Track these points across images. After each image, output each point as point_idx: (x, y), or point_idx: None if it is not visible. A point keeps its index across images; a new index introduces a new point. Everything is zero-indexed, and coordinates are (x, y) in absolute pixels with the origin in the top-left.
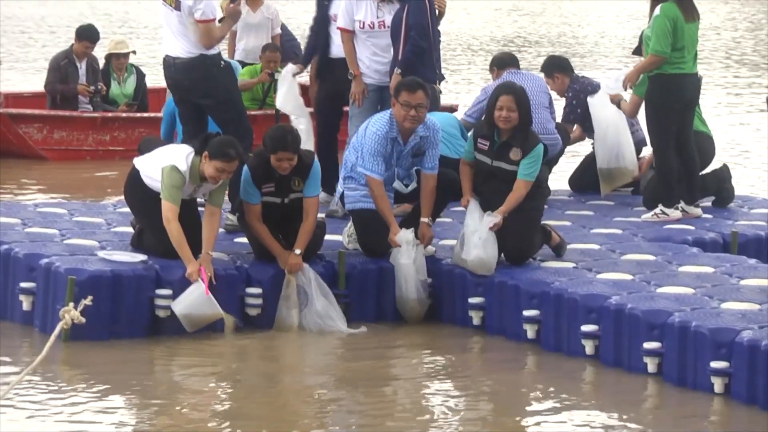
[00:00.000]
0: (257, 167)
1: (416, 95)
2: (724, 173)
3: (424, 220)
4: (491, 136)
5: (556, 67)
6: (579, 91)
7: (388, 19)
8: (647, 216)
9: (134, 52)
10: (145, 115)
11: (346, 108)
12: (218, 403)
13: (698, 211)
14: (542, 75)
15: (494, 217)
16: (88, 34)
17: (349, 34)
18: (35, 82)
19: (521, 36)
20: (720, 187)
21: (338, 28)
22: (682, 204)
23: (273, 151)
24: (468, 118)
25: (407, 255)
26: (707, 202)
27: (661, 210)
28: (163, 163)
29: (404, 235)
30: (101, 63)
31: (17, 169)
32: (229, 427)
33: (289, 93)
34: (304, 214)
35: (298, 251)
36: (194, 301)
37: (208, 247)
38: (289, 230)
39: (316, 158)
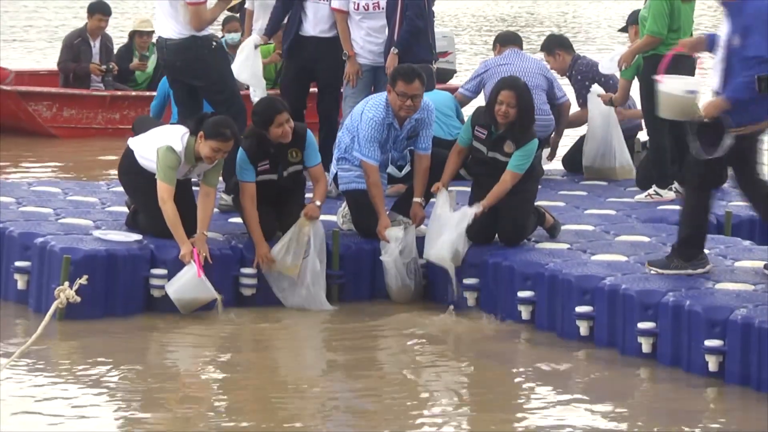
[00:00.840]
0: (251, 146)
1: (413, 85)
2: None
3: (417, 199)
4: (489, 125)
5: (557, 44)
6: (586, 73)
7: (383, 1)
8: (641, 197)
9: None
10: (154, 93)
11: (314, 89)
12: (212, 383)
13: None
14: (543, 53)
15: (477, 208)
16: (99, 7)
17: (343, 15)
18: (37, 61)
19: (521, 15)
20: None
21: (332, 8)
22: (675, 184)
23: (270, 120)
24: (465, 92)
25: (390, 253)
26: None
27: (654, 190)
28: (159, 144)
29: (393, 233)
30: (118, 42)
31: (26, 146)
32: (223, 407)
33: (246, 62)
34: (313, 182)
35: (318, 202)
36: (186, 283)
37: (203, 227)
38: (285, 209)
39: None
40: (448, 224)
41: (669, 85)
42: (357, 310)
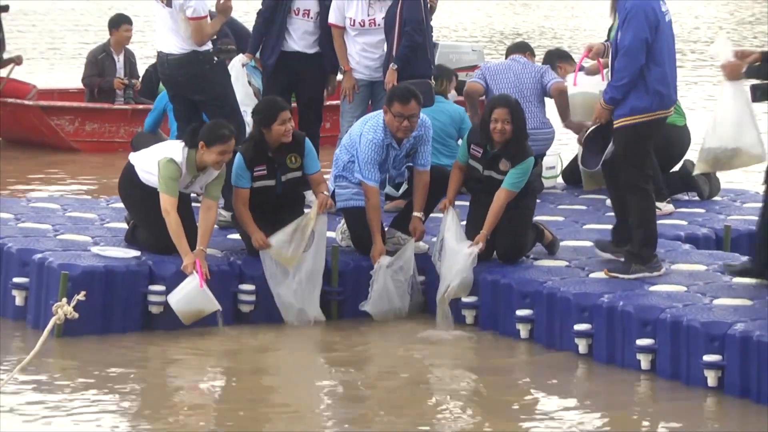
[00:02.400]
0: (248, 150)
1: (409, 106)
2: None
3: (417, 214)
4: (484, 144)
5: (557, 57)
6: None
7: (379, 17)
8: None
9: None
10: None
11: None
12: (209, 399)
13: (670, 207)
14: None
15: (476, 247)
16: (122, 19)
17: (339, 30)
18: (47, 75)
19: (522, 31)
20: (689, 183)
21: (329, 24)
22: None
23: (274, 117)
24: (479, 80)
25: (378, 282)
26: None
27: None
28: (159, 157)
29: (383, 261)
30: (133, 57)
31: (48, 161)
32: (222, 422)
33: (237, 82)
34: (315, 186)
35: (325, 192)
36: (189, 294)
37: (203, 242)
38: (282, 216)
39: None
40: (457, 263)
41: (584, 86)
42: (355, 326)
